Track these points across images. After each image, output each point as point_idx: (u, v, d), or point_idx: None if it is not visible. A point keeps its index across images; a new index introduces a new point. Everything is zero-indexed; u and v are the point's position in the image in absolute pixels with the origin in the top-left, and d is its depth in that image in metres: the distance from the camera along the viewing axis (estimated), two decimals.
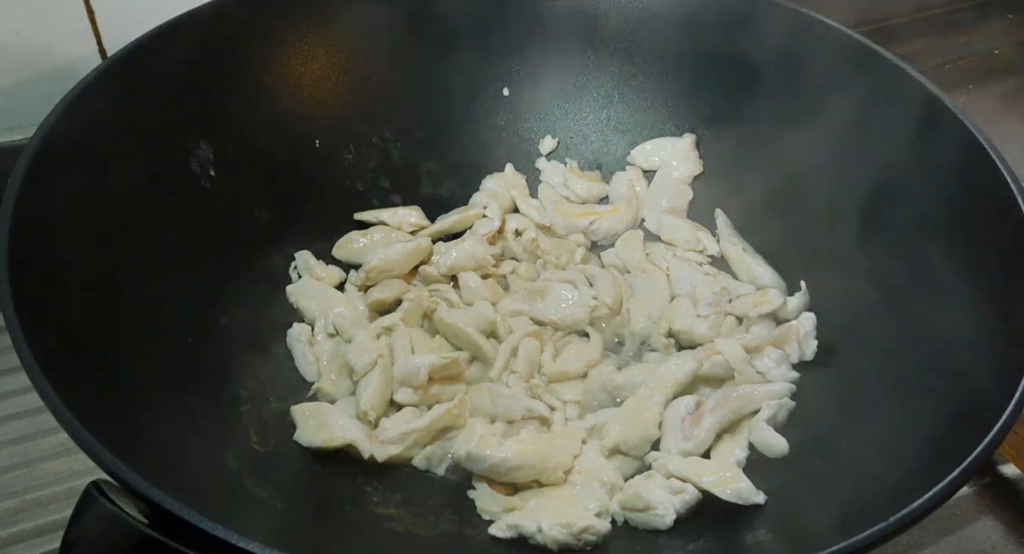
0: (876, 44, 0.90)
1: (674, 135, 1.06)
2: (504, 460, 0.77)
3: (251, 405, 0.81)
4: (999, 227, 0.76)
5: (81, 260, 0.72)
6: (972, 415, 0.66)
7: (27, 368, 0.60)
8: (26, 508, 0.85)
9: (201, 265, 0.84)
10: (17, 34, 0.99)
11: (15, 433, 0.91)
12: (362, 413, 0.82)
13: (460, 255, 0.96)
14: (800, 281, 0.92)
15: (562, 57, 1.06)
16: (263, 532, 0.57)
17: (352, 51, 0.99)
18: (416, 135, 1.04)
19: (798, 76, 0.94)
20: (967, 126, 0.81)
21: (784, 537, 0.70)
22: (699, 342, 0.90)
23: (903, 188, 0.85)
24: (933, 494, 0.59)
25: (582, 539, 0.73)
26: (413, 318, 0.92)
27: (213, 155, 0.88)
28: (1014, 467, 0.92)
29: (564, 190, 1.05)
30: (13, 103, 1.02)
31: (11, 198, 0.68)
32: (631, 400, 0.84)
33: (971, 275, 0.77)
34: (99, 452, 0.57)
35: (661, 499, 0.74)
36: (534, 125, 1.08)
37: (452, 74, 1.04)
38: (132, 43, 0.84)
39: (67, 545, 0.56)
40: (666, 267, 0.98)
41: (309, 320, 0.91)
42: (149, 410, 0.69)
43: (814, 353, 0.88)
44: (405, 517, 0.76)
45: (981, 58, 1.45)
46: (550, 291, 0.94)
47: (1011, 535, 0.88)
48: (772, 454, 0.80)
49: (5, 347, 0.71)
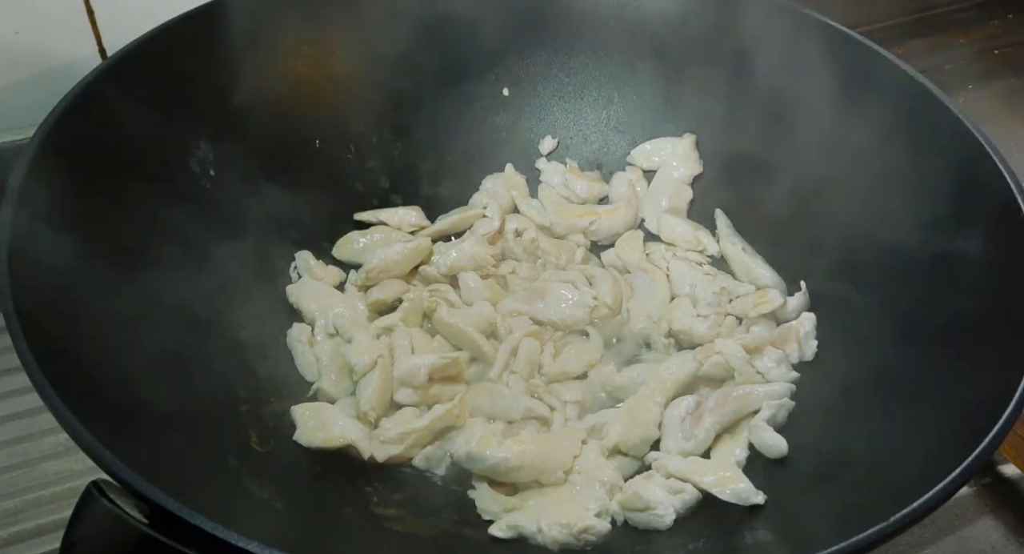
0: (876, 44, 0.90)
1: (674, 135, 1.06)
2: (504, 460, 0.77)
3: (251, 405, 0.81)
4: (999, 227, 0.76)
5: (81, 260, 0.72)
6: (972, 415, 0.66)
7: (27, 368, 0.60)
8: (26, 508, 0.84)
9: (201, 265, 0.84)
10: (17, 34, 0.99)
11: (15, 433, 0.91)
12: (362, 413, 0.82)
13: (460, 255, 0.96)
14: (800, 281, 0.92)
15: (562, 57, 1.06)
16: (263, 532, 0.57)
17: (352, 51, 0.99)
18: (416, 135, 1.04)
19: (798, 76, 0.94)
20: (967, 126, 0.81)
21: (784, 537, 0.70)
22: (699, 342, 0.90)
23: (903, 188, 0.85)
24: (933, 494, 0.59)
25: (582, 539, 0.73)
26: (413, 318, 0.92)
27: (213, 155, 0.88)
28: (1014, 467, 0.92)
29: (564, 190, 1.05)
30: (13, 103, 1.02)
31: (11, 198, 0.68)
32: (631, 400, 0.84)
33: (971, 275, 0.77)
34: (99, 452, 0.57)
35: (661, 499, 0.74)
36: (534, 125, 1.08)
37: (452, 74, 1.04)
38: (132, 43, 0.84)
39: (67, 545, 0.56)
40: (666, 267, 0.98)
41: (309, 320, 0.91)
42: (149, 410, 0.69)
43: (814, 353, 0.88)
44: (405, 517, 0.76)
45: (981, 58, 1.45)
46: (550, 291, 0.94)
47: (1011, 535, 0.88)
48: (772, 454, 0.80)
49: (5, 347, 0.71)
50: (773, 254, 0.98)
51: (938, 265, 0.80)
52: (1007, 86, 1.41)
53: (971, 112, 0.82)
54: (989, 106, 1.37)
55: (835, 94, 0.92)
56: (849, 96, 0.91)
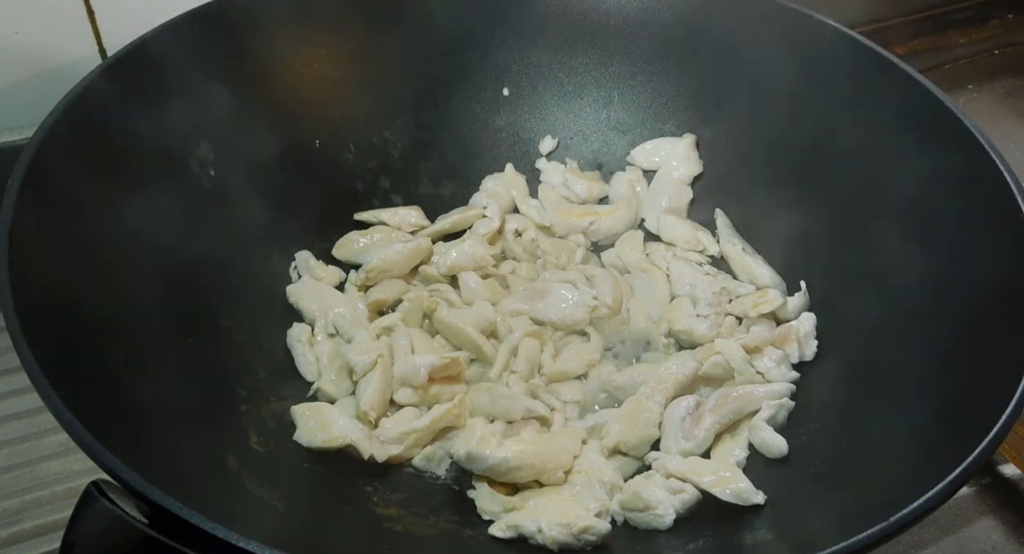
0: (876, 44, 0.90)
1: (674, 135, 1.06)
2: (504, 460, 0.77)
3: (251, 405, 0.81)
4: (1000, 227, 0.76)
5: (81, 260, 0.72)
6: (972, 415, 0.66)
7: (27, 368, 0.60)
8: (26, 508, 0.85)
9: (201, 265, 0.84)
10: (17, 34, 0.98)
11: (15, 433, 0.91)
12: (362, 413, 0.82)
13: (460, 255, 0.96)
14: (800, 281, 0.92)
15: (562, 57, 1.06)
16: (263, 532, 0.57)
17: (352, 51, 0.99)
18: (416, 135, 1.04)
19: (798, 76, 0.94)
20: (967, 126, 0.81)
21: (784, 537, 0.70)
22: (699, 342, 0.90)
23: (903, 188, 0.85)
24: (933, 494, 0.59)
25: (582, 539, 0.73)
26: (413, 318, 0.92)
27: (213, 155, 0.88)
28: (1014, 467, 0.92)
29: (564, 190, 1.05)
30: (13, 103, 1.02)
31: (11, 198, 0.68)
32: (631, 400, 0.84)
33: (971, 275, 0.77)
34: (99, 452, 0.57)
35: (661, 499, 0.74)
36: (534, 125, 1.08)
37: (452, 74, 1.04)
38: (132, 43, 0.84)
39: (67, 545, 0.56)
40: (666, 267, 0.98)
41: (309, 320, 0.91)
42: (149, 410, 0.69)
43: (814, 353, 0.88)
44: (405, 517, 0.76)
45: (981, 58, 1.45)
46: (550, 291, 0.94)
47: (1011, 535, 0.88)
48: (772, 454, 0.80)
49: (5, 347, 0.71)
50: (773, 254, 0.98)
51: (938, 265, 0.80)
52: (1007, 86, 1.41)
53: (971, 112, 0.82)
54: (989, 106, 1.37)
55: (835, 94, 0.92)
56: (849, 96, 0.91)
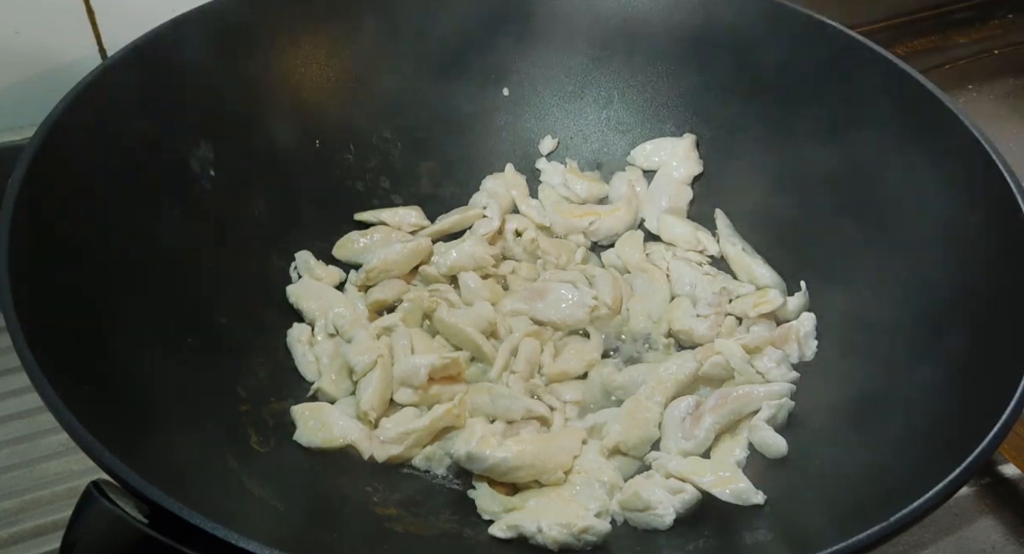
0: (876, 44, 0.90)
1: (674, 135, 1.06)
2: (504, 460, 0.77)
3: (251, 405, 0.81)
4: (999, 227, 0.76)
5: (81, 260, 0.72)
6: (972, 415, 0.66)
7: (27, 368, 0.60)
8: (26, 508, 0.85)
9: (201, 265, 0.84)
10: (17, 34, 0.98)
11: (15, 433, 0.91)
12: (362, 413, 0.82)
13: (460, 255, 0.96)
14: (800, 281, 0.92)
15: (562, 57, 1.06)
16: (263, 532, 0.57)
17: (353, 51, 0.99)
18: (416, 135, 1.04)
19: (798, 76, 0.94)
20: (967, 126, 0.81)
21: (784, 537, 0.70)
22: (699, 342, 0.90)
23: (903, 188, 0.85)
24: (933, 494, 0.59)
25: (582, 539, 0.73)
26: (413, 318, 0.92)
27: (213, 155, 0.88)
28: (1014, 467, 0.92)
29: (564, 190, 1.05)
30: (13, 103, 1.02)
31: (11, 198, 0.68)
32: (631, 400, 0.84)
33: (971, 274, 0.77)
34: (99, 452, 0.57)
35: (661, 499, 0.74)
36: (534, 125, 1.08)
37: (452, 74, 1.04)
38: (132, 43, 0.84)
39: (67, 545, 0.56)
40: (666, 267, 0.98)
41: (309, 320, 0.91)
42: (149, 410, 0.69)
43: (814, 353, 0.88)
44: (405, 517, 0.76)
45: (981, 58, 1.44)
46: (550, 291, 0.94)
47: (1011, 535, 0.88)
48: (772, 454, 0.80)
49: (5, 347, 0.71)
50: (773, 254, 0.98)
51: (938, 265, 0.80)
52: (1007, 86, 1.41)
53: (971, 112, 0.82)
54: (989, 106, 1.37)
55: (834, 94, 0.92)
56: (849, 96, 0.91)
